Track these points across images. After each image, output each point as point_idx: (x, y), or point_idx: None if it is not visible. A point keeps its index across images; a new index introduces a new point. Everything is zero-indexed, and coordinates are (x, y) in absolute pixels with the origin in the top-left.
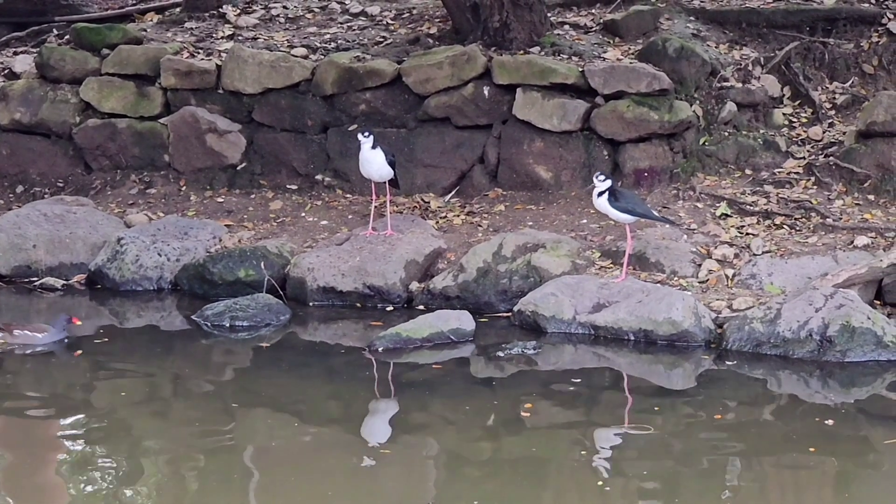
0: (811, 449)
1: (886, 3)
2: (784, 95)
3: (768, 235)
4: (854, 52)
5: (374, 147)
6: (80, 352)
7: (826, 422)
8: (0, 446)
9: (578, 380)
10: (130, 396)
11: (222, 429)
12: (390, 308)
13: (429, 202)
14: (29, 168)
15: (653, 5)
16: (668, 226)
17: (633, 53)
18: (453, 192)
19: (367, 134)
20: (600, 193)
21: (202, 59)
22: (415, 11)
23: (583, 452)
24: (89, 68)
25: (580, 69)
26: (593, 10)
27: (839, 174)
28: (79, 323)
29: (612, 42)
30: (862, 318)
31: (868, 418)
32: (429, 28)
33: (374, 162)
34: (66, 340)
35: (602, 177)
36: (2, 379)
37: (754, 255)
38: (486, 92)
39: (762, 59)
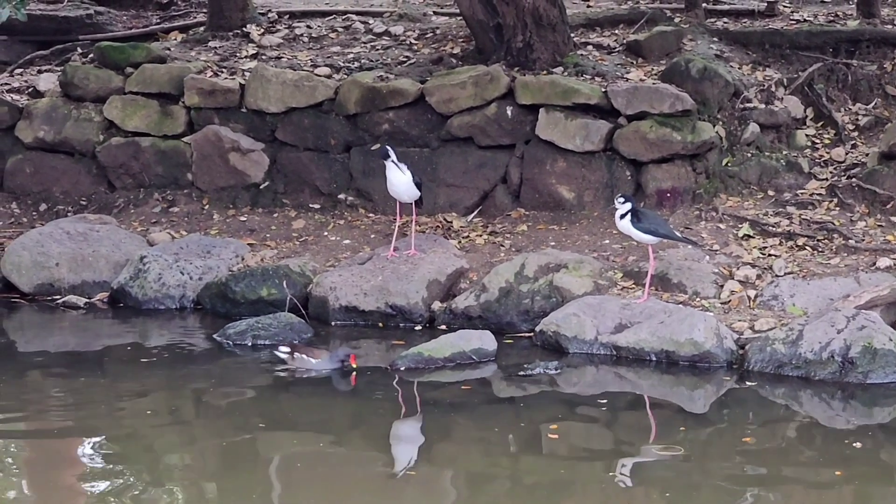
0: (837, 472)
1: None
2: (807, 116)
3: (791, 256)
4: (877, 74)
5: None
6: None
7: (854, 444)
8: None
9: (603, 400)
10: (154, 414)
11: (245, 447)
12: (413, 328)
13: (451, 222)
14: (52, 186)
15: (676, 26)
16: (690, 247)
17: (656, 74)
18: (476, 212)
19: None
20: (622, 215)
21: (226, 78)
22: (438, 31)
23: (609, 474)
24: (113, 87)
25: (603, 89)
26: (616, 31)
27: (862, 196)
28: (355, 364)
29: (635, 63)
30: (884, 339)
31: (893, 441)
32: (452, 48)
33: (401, 183)
34: (343, 368)
35: (622, 199)
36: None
37: (776, 276)
38: (508, 112)
39: (785, 80)
